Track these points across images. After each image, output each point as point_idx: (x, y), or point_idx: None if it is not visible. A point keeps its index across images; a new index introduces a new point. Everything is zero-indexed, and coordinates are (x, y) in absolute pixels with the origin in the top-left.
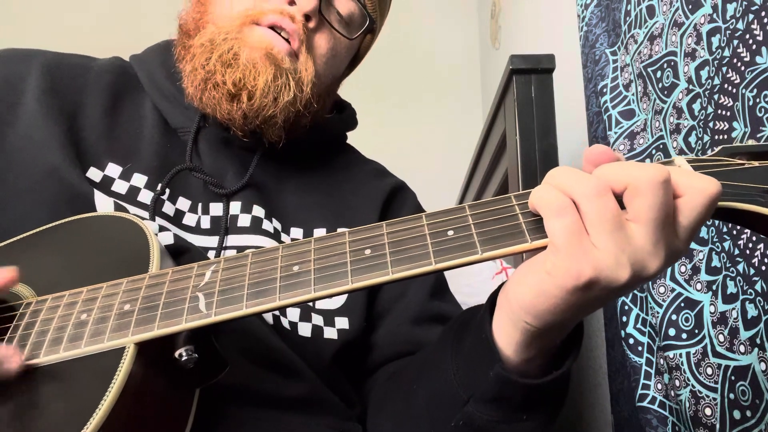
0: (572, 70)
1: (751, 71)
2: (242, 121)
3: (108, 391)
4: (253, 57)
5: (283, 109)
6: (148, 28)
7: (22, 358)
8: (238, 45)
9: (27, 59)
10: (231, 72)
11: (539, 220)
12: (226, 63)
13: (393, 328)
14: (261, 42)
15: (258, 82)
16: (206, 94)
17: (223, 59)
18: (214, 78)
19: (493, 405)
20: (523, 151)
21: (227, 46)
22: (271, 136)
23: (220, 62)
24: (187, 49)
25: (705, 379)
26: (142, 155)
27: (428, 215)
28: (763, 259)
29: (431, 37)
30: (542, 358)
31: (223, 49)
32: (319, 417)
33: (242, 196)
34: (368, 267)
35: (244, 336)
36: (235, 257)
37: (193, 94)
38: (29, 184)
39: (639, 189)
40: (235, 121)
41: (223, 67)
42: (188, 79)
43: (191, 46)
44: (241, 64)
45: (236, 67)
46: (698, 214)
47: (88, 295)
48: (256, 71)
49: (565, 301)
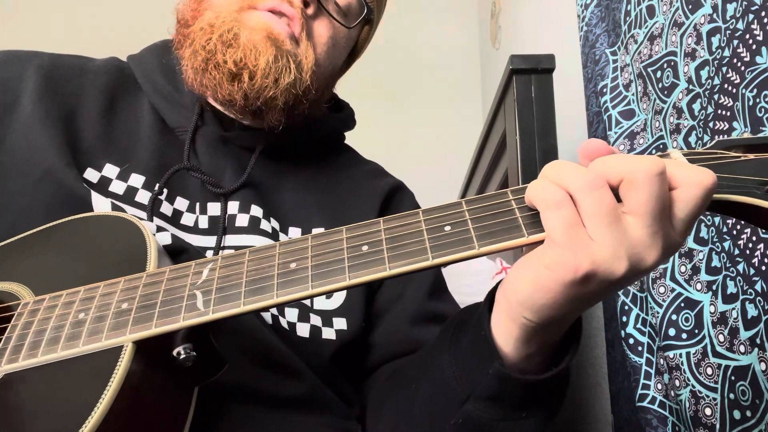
0: (572, 70)
1: (751, 71)
2: (243, 102)
3: (106, 389)
4: (253, 38)
5: (284, 92)
6: (145, 27)
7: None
8: (237, 26)
9: (23, 61)
10: (232, 52)
11: (536, 214)
12: (226, 43)
13: (391, 328)
14: (260, 24)
15: (259, 62)
16: (206, 75)
17: (223, 39)
18: (215, 58)
19: (492, 403)
20: (523, 151)
21: (227, 26)
22: (271, 119)
23: (221, 42)
24: (185, 36)
25: (705, 379)
26: (140, 155)
27: (425, 211)
28: (763, 259)
29: (431, 37)
30: (541, 355)
31: (223, 29)
32: (319, 416)
33: (240, 196)
34: (365, 263)
35: (243, 336)
36: (232, 255)
37: (192, 78)
38: (26, 185)
39: (634, 181)
40: (236, 102)
41: (223, 46)
42: (188, 62)
43: (190, 32)
44: (241, 44)
45: (237, 47)
46: (694, 205)
47: (85, 295)
48: (257, 51)
49: (563, 295)
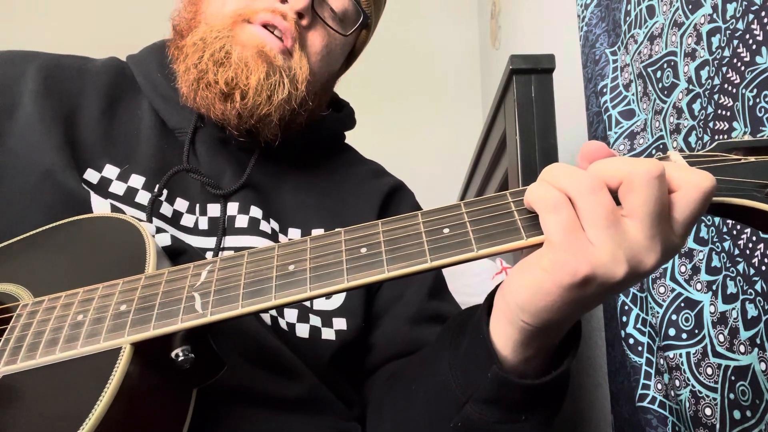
0: (572, 70)
1: (751, 71)
2: (237, 121)
3: (104, 391)
4: (244, 55)
5: (278, 108)
6: (145, 27)
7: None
8: (229, 44)
9: (23, 62)
10: (223, 71)
11: (535, 217)
12: (217, 62)
13: (391, 329)
14: (253, 40)
15: (251, 81)
16: (199, 94)
17: (215, 58)
18: (206, 77)
19: (491, 406)
20: (523, 151)
21: (219, 44)
22: (266, 135)
23: (212, 61)
24: (180, 49)
25: (705, 379)
26: (140, 156)
27: (424, 213)
28: (763, 259)
29: (431, 37)
30: (541, 357)
31: (215, 47)
32: (319, 417)
33: (240, 197)
34: (364, 265)
35: (242, 337)
36: (231, 257)
37: (187, 95)
38: (25, 187)
39: (634, 184)
40: (230, 121)
41: (215, 66)
42: (182, 79)
43: (184, 45)
44: (233, 62)
45: (228, 66)
46: (693, 208)
47: (84, 296)
48: (248, 70)
49: (562, 299)
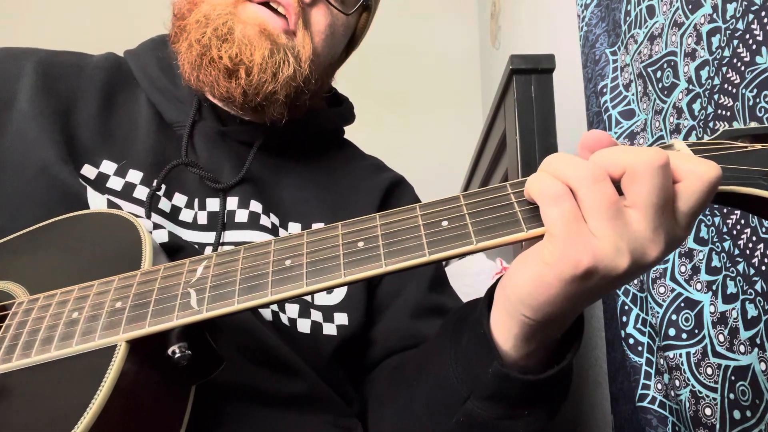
0: (572, 70)
1: (751, 71)
2: (242, 98)
3: (99, 389)
4: (247, 33)
5: (285, 85)
6: (142, 23)
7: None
8: (232, 20)
9: (20, 58)
10: (227, 47)
11: (535, 208)
12: (221, 37)
13: (393, 323)
14: (254, 18)
15: (255, 57)
16: (203, 71)
17: (218, 33)
18: (209, 53)
19: (493, 401)
20: (523, 151)
21: (221, 20)
22: (273, 113)
23: (216, 36)
24: (181, 29)
25: (705, 379)
26: (137, 151)
27: (422, 206)
28: (763, 259)
29: (431, 37)
30: (542, 352)
31: (218, 23)
32: (319, 414)
33: (239, 191)
34: (361, 260)
35: (242, 333)
36: (227, 252)
37: (189, 74)
38: (22, 183)
39: (637, 174)
40: (235, 99)
41: (218, 41)
42: (184, 57)
43: (186, 24)
44: (236, 39)
45: (232, 42)
46: (698, 199)
47: (79, 294)
48: (252, 46)
49: (563, 292)
